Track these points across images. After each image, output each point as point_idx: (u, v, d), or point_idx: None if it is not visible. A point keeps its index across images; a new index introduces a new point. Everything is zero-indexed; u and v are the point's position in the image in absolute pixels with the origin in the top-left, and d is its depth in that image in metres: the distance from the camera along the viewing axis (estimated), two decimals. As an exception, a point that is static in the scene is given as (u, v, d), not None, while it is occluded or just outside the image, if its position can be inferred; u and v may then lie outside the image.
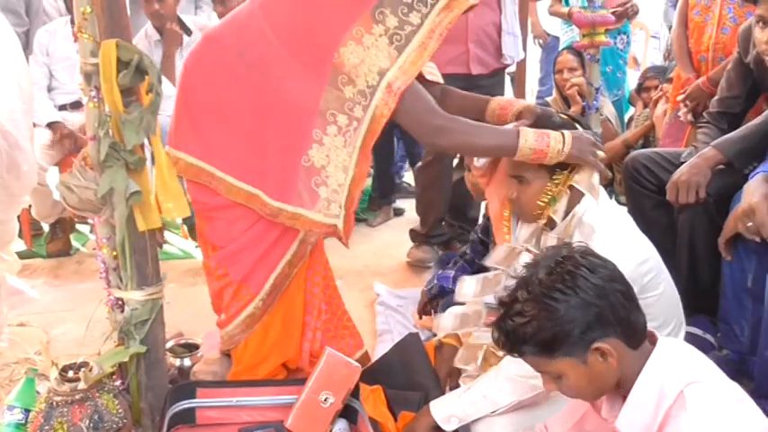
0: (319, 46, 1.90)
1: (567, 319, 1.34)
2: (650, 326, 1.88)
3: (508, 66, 3.57)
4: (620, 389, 1.42)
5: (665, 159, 2.61)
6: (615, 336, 1.37)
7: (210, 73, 2.00)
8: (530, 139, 1.89)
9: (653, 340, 1.43)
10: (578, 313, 1.34)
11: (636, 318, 1.40)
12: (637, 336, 1.40)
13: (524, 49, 4.01)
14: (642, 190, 2.67)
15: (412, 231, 3.65)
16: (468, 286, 2.22)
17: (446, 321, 2.28)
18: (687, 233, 2.46)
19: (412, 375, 2.22)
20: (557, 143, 1.88)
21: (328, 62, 1.89)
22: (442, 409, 1.97)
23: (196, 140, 2.04)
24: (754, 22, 2.13)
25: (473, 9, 1.96)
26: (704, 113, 2.83)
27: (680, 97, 3.16)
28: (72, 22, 3.78)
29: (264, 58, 1.93)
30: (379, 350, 2.63)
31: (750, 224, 2.12)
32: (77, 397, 1.92)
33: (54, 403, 1.91)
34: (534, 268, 1.42)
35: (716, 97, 2.78)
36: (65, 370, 1.98)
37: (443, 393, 2.10)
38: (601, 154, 1.94)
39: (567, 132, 1.91)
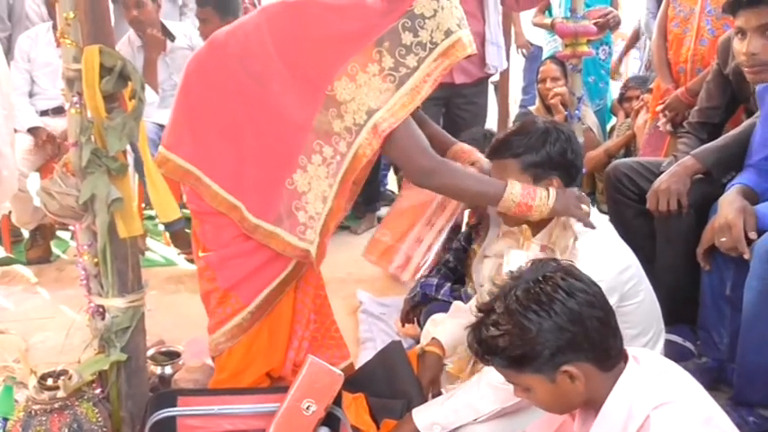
0: (315, 74, 1.91)
1: (539, 340, 1.34)
2: (630, 334, 1.91)
3: (491, 75, 3.59)
4: (593, 404, 1.42)
5: (646, 169, 2.64)
6: (586, 360, 1.36)
7: (212, 78, 2.00)
8: (515, 192, 1.94)
9: (625, 358, 1.42)
10: (550, 336, 1.34)
11: (610, 343, 1.39)
12: (610, 360, 1.39)
13: (507, 58, 4.05)
14: (623, 199, 2.70)
15: None
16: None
17: (450, 330, 2.28)
18: (667, 242, 2.49)
19: (394, 383, 2.22)
20: (541, 201, 1.93)
21: (321, 92, 1.89)
22: (425, 416, 1.97)
23: (190, 144, 2.03)
24: (734, 34, 2.17)
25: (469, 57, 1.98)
26: (684, 124, 2.86)
27: (659, 107, 3.20)
28: (54, 27, 3.77)
29: (265, 71, 1.93)
30: (361, 358, 2.63)
31: (724, 239, 2.15)
32: (56, 405, 1.90)
33: (33, 412, 1.89)
34: (515, 281, 1.42)
35: (695, 108, 2.82)
36: (44, 378, 1.96)
37: (426, 401, 2.11)
38: (585, 208, 1.98)
39: (552, 190, 1.95)
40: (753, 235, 2.12)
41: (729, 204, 2.18)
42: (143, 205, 4.03)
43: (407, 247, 2.17)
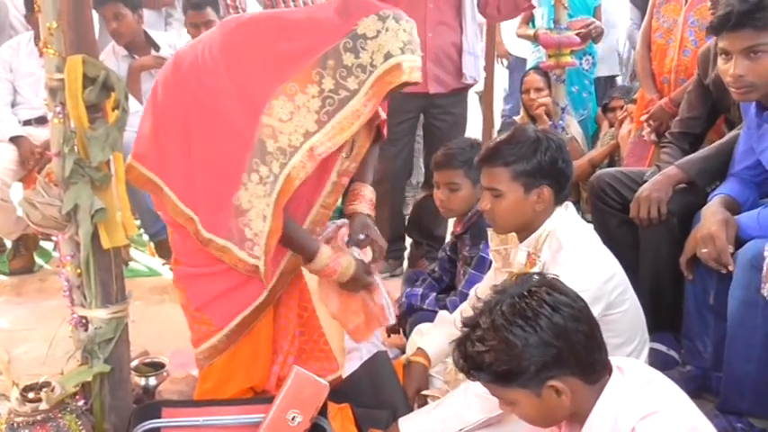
0: (255, 93, 1.89)
1: (525, 356, 1.34)
2: (615, 342, 1.92)
3: (469, 86, 3.60)
4: (578, 417, 1.42)
5: (630, 178, 2.66)
6: (572, 374, 1.37)
7: (173, 91, 1.99)
8: (324, 256, 2.04)
9: (609, 370, 1.42)
10: (536, 351, 1.34)
11: (596, 356, 1.39)
12: (595, 374, 1.40)
13: (492, 69, 4.07)
14: (607, 208, 2.71)
15: None
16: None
17: (436, 340, 2.28)
18: (650, 251, 2.51)
19: (380, 393, 2.21)
20: (345, 268, 2.06)
21: (260, 111, 1.87)
22: (412, 426, 1.97)
23: (154, 154, 2.02)
24: (718, 53, 2.19)
25: (413, 85, 1.95)
26: (666, 134, 2.89)
27: (643, 117, 3.22)
28: (37, 37, 3.74)
29: (217, 87, 1.93)
30: (347, 368, 2.62)
31: (705, 250, 2.17)
32: (39, 418, 1.89)
33: (15, 424, 1.88)
34: (500, 296, 1.42)
35: (677, 118, 2.84)
36: (26, 390, 1.95)
37: (411, 411, 2.10)
38: (368, 279, 2.13)
39: (351, 260, 2.08)
40: (730, 248, 2.14)
41: (712, 215, 2.19)
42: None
43: (373, 305, 2.18)
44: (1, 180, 3.53)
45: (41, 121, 3.70)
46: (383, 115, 2.21)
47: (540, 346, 1.34)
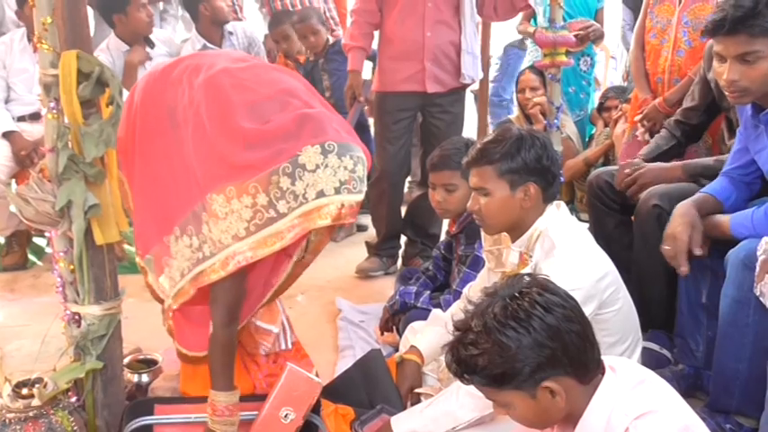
0: (206, 176, 1.88)
1: (519, 357, 1.33)
2: (608, 341, 1.92)
3: (467, 85, 3.60)
4: (572, 417, 1.41)
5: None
6: (566, 375, 1.36)
7: (150, 112, 2.00)
8: (225, 399, 1.95)
9: (602, 370, 1.42)
10: (530, 353, 1.33)
11: (589, 356, 1.39)
12: (589, 373, 1.39)
13: (486, 68, 4.07)
14: (605, 208, 2.71)
15: (367, 243, 3.74)
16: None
17: (429, 339, 2.28)
18: (644, 249, 2.51)
19: (374, 391, 2.21)
20: (229, 419, 1.96)
21: (203, 195, 1.88)
22: (404, 424, 1.97)
23: (122, 156, 2.04)
24: (714, 55, 2.19)
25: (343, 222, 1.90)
26: (665, 121, 2.89)
27: (637, 117, 3.23)
28: (30, 33, 3.73)
29: (184, 123, 1.93)
30: (341, 366, 2.62)
31: (667, 248, 2.19)
32: (31, 414, 1.88)
33: (7, 420, 1.87)
34: (491, 298, 1.41)
35: (681, 107, 2.86)
36: (18, 386, 1.94)
37: (405, 409, 2.10)
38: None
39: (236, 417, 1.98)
40: (698, 251, 2.15)
41: (681, 216, 2.21)
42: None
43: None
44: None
45: (35, 117, 3.70)
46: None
47: (534, 347, 1.33)
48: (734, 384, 2.11)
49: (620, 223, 2.64)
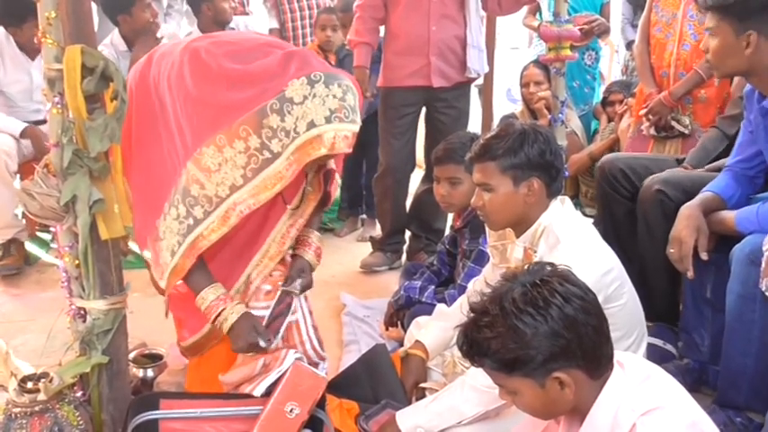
0: (194, 133, 1.89)
1: (533, 345, 1.33)
2: (614, 336, 1.89)
3: (473, 80, 3.59)
4: (579, 411, 1.41)
5: (646, 168, 2.63)
6: (577, 367, 1.36)
7: (137, 95, 2.00)
8: (207, 299, 1.99)
9: (610, 365, 1.41)
10: (545, 341, 1.33)
11: (603, 351, 1.38)
12: (600, 368, 1.39)
13: (491, 62, 4.05)
14: (616, 195, 2.69)
15: (371, 238, 3.77)
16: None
17: (434, 334, 2.28)
18: (650, 242, 2.50)
19: (378, 386, 2.22)
20: (222, 319, 1.99)
21: (190, 153, 1.88)
22: (409, 419, 1.97)
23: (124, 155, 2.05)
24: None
25: (332, 157, 1.94)
26: (717, 118, 2.86)
27: (642, 112, 3.22)
28: (18, 45, 3.69)
29: (169, 109, 1.94)
30: (345, 361, 2.63)
31: (672, 251, 2.18)
32: (37, 408, 1.88)
33: (13, 415, 1.87)
34: (511, 283, 1.40)
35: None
36: (24, 381, 1.94)
37: (409, 404, 2.11)
38: (262, 343, 2.00)
39: (236, 316, 1.99)
40: (704, 256, 2.15)
41: (686, 219, 2.20)
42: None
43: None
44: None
45: (39, 125, 3.66)
46: (332, 165, 2.18)
47: (550, 336, 1.33)
48: (741, 379, 2.11)
49: (630, 212, 2.61)
